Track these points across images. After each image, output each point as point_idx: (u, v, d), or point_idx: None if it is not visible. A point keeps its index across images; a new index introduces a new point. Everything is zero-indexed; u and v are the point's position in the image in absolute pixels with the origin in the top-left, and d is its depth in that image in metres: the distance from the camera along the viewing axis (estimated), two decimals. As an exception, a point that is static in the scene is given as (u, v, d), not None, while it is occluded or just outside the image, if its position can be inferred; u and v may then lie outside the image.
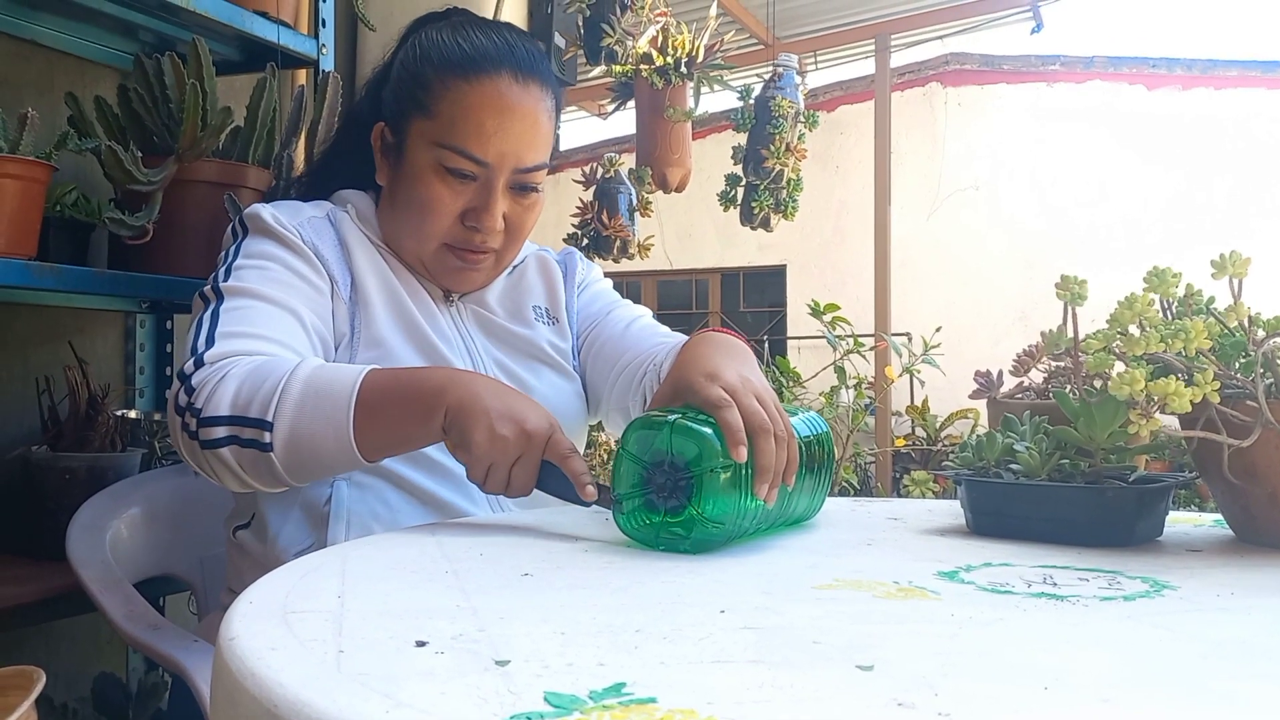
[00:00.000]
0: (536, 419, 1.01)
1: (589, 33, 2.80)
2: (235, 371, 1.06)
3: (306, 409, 1.03)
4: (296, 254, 1.22)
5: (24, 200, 1.46)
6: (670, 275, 9.93)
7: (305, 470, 1.06)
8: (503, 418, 0.99)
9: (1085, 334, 0.96)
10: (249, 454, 1.04)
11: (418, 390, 1.03)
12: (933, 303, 8.35)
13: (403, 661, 0.56)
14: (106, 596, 1.29)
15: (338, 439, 1.02)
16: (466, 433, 0.99)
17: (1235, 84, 8.26)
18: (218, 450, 1.05)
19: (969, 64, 8.92)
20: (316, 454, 1.04)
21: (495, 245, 1.27)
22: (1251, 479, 0.91)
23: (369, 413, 1.02)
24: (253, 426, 1.03)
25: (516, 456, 0.99)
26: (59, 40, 1.92)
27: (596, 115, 7.46)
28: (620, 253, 3.07)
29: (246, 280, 1.17)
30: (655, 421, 0.93)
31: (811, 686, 0.52)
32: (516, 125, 1.23)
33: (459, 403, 1.00)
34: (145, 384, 2.11)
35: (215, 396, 1.05)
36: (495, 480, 1.00)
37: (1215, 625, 0.68)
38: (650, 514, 0.92)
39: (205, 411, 1.05)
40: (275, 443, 1.03)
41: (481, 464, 0.99)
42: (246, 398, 1.04)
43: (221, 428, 1.04)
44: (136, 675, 2.01)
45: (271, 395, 1.03)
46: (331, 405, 1.02)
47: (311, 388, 1.03)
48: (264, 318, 1.14)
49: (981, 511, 1.01)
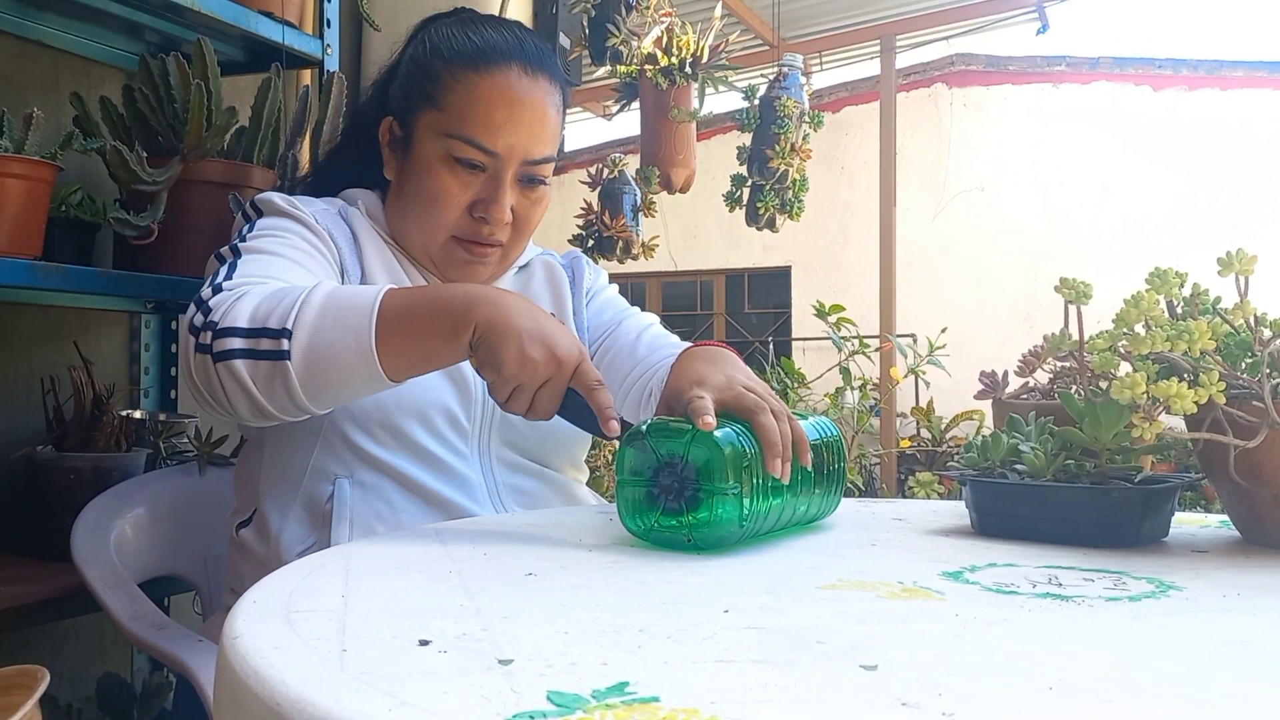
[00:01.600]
0: (568, 344, 0.98)
1: (594, 33, 2.80)
2: (255, 290, 1.04)
3: (328, 317, 0.99)
4: (312, 232, 1.22)
5: (29, 200, 1.46)
6: (675, 276, 9.93)
7: (322, 384, 1.01)
8: (534, 339, 0.97)
9: (1090, 334, 0.96)
10: (264, 366, 1.00)
11: (445, 303, 1.00)
12: (938, 304, 8.34)
13: (406, 661, 0.56)
14: (111, 596, 1.29)
15: (359, 348, 0.98)
16: (496, 350, 0.96)
17: (1242, 84, 8.25)
18: (231, 362, 1.00)
19: (974, 65, 8.91)
20: (336, 364, 0.99)
21: (503, 238, 1.27)
22: (1257, 480, 0.91)
23: (392, 322, 0.99)
24: (270, 336, 0.99)
25: (544, 380, 0.97)
26: (64, 40, 1.92)
27: (601, 116, 7.47)
28: (624, 254, 3.07)
29: (263, 244, 1.16)
30: (674, 429, 0.92)
31: (815, 686, 0.52)
32: (526, 117, 1.23)
33: (489, 319, 0.97)
34: (150, 384, 2.11)
35: (234, 310, 1.02)
36: (518, 402, 0.98)
37: (1221, 626, 0.68)
38: (670, 520, 0.91)
39: (222, 324, 1.01)
40: (294, 350, 0.99)
41: (508, 384, 0.97)
42: (266, 310, 1.01)
43: (238, 339, 1.00)
44: (141, 675, 2.01)
45: (292, 307, 1.00)
46: (353, 314, 0.99)
47: (334, 299, 1.01)
48: (280, 269, 1.13)
49: (986, 512, 1.01)
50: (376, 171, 1.32)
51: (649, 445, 0.92)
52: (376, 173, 1.32)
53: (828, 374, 3.35)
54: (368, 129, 1.33)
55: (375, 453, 1.19)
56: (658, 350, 1.35)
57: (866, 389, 3.35)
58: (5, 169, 1.43)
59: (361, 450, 1.19)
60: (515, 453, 1.27)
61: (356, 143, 1.37)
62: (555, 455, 1.31)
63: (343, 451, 1.19)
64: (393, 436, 1.19)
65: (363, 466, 1.19)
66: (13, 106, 1.53)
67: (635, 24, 2.81)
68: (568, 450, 1.33)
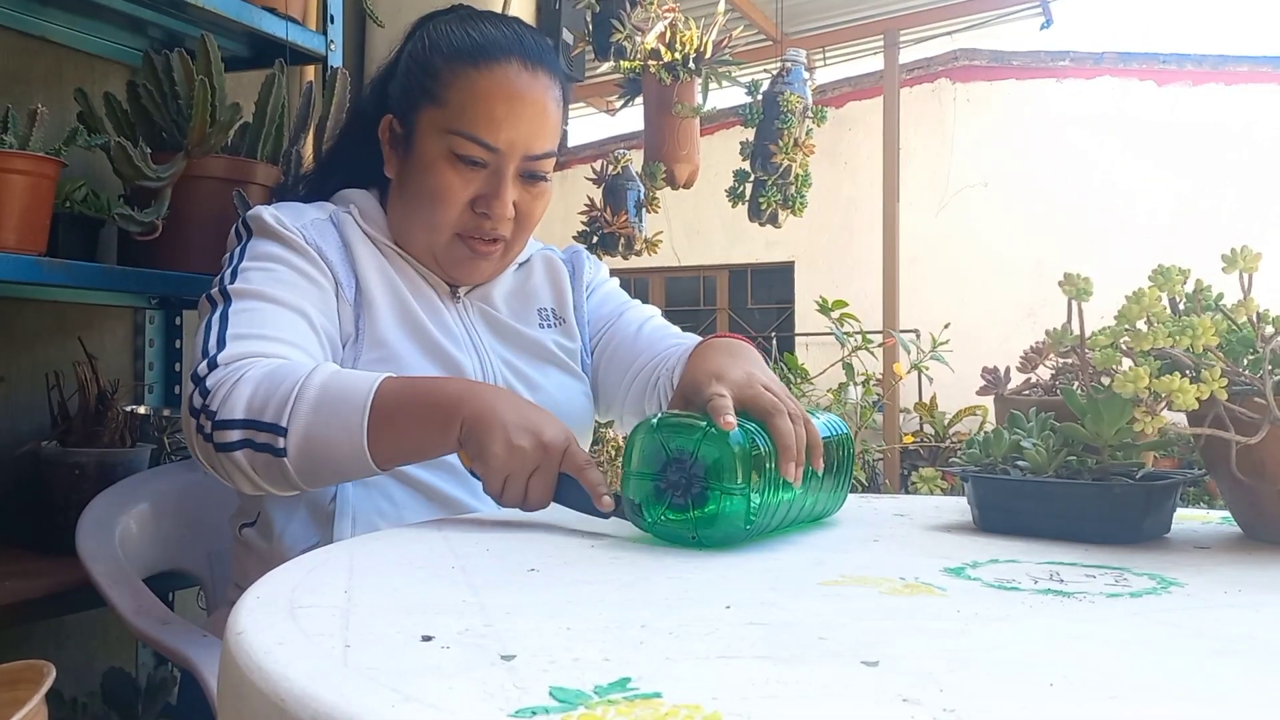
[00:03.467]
0: (553, 431, 1.00)
1: (597, 29, 2.80)
2: (250, 375, 1.06)
3: (321, 414, 1.02)
4: (301, 255, 1.22)
5: (33, 196, 1.46)
6: (678, 272, 9.92)
7: (318, 476, 1.06)
8: (520, 429, 0.99)
9: (1092, 330, 0.96)
10: (262, 458, 1.04)
11: (434, 400, 1.03)
12: (941, 299, 8.33)
13: (409, 656, 0.56)
14: (116, 591, 1.29)
15: (351, 445, 1.02)
16: (483, 444, 0.99)
17: (1246, 80, 8.23)
18: (232, 454, 1.05)
19: (978, 60, 8.90)
20: (330, 459, 1.04)
21: (505, 234, 1.27)
22: (1260, 476, 0.91)
23: (383, 420, 1.02)
24: (267, 431, 1.03)
25: (534, 468, 0.99)
26: (68, 36, 1.92)
27: (605, 111, 7.47)
28: (626, 249, 3.07)
29: (253, 282, 1.17)
30: (686, 424, 0.92)
31: (817, 682, 0.53)
32: (526, 112, 1.23)
33: (475, 414, 1.00)
34: (154, 380, 2.11)
35: (230, 400, 1.05)
36: (512, 492, 1.00)
37: (1223, 622, 0.68)
38: (677, 515, 0.91)
39: (220, 415, 1.05)
40: (289, 448, 1.03)
41: (498, 475, 0.99)
42: (261, 402, 1.04)
43: (236, 431, 1.04)
44: (146, 670, 2.01)
45: (286, 400, 1.03)
46: (346, 411, 1.02)
47: (327, 393, 1.03)
48: (273, 319, 1.15)
49: (988, 508, 1.01)
50: (375, 169, 1.32)
51: (659, 439, 0.92)
52: (375, 171, 1.32)
53: (831, 369, 3.35)
54: (367, 127, 1.32)
55: None
56: (660, 341, 1.35)
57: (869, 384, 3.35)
58: (9, 165, 1.43)
59: None
60: None
61: (355, 141, 1.37)
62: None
63: None
64: None
65: None
66: (17, 102, 1.53)
67: (639, 19, 2.81)
68: None
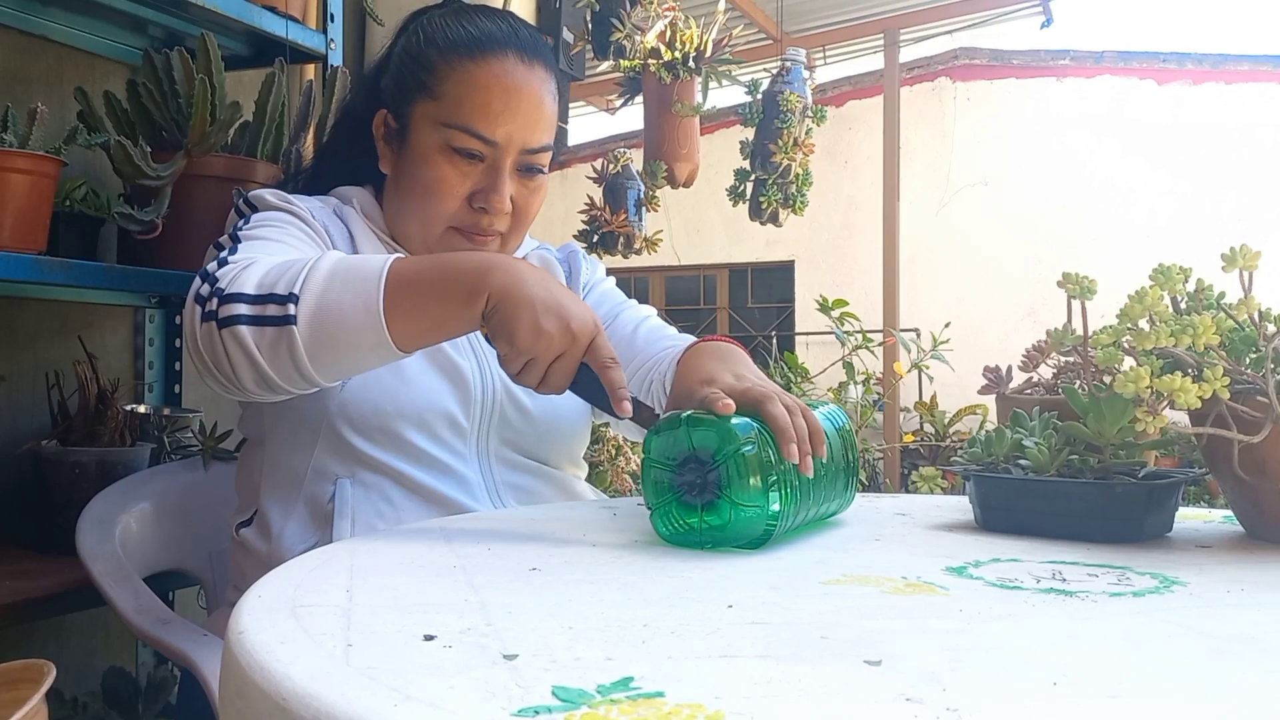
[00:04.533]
0: (583, 317, 0.95)
1: (597, 27, 2.80)
2: (263, 260, 1.03)
3: (336, 281, 0.97)
4: (307, 224, 1.21)
5: (33, 195, 1.46)
6: (678, 271, 9.92)
7: (329, 352, 0.98)
8: (549, 311, 0.93)
9: (1094, 329, 0.96)
10: (270, 332, 0.97)
11: (458, 269, 0.97)
12: (941, 298, 8.33)
13: (411, 655, 0.56)
14: (116, 591, 1.29)
15: (367, 313, 0.95)
16: (509, 321, 0.93)
17: (1246, 78, 8.23)
18: (236, 329, 0.97)
19: (978, 59, 8.90)
20: (343, 330, 0.96)
21: (502, 228, 1.26)
22: (1262, 475, 0.91)
23: (402, 288, 0.96)
24: (277, 302, 0.97)
25: (558, 354, 0.95)
26: (68, 35, 1.92)
27: (604, 110, 7.46)
28: (626, 248, 3.07)
29: (263, 233, 1.16)
30: (671, 422, 0.92)
31: (819, 681, 0.52)
32: (523, 105, 1.22)
33: (504, 288, 0.94)
34: (154, 379, 2.11)
35: (241, 278, 1.00)
36: (530, 375, 0.96)
37: (1225, 621, 0.68)
38: (688, 516, 0.91)
39: (229, 290, 0.99)
40: (299, 315, 0.96)
41: (521, 356, 0.94)
42: (274, 277, 0.99)
43: (243, 304, 0.98)
44: (146, 669, 2.01)
45: (300, 273, 0.98)
46: (362, 278, 0.96)
47: (343, 264, 0.99)
48: (284, 250, 1.12)
49: (990, 507, 1.01)
50: (369, 166, 1.31)
51: (683, 436, 0.91)
52: (369, 167, 1.31)
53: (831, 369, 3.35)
54: (359, 123, 1.31)
55: (375, 455, 1.18)
56: (656, 342, 1.35)
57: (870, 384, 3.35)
58: (9, 164, 1.43)
59: (361, 453, 1.19)
60: (514, 451, 1.27)
61: (349, 137, 1.35)
62: (554, 452, 1.31)
63: (344, 452, 1.19)
64: (391, 441, 1.19)
65: (363, 468, 1.19)
66: (17, 101, 1.53)
67: (639, 18, 2.81)
68: (566, 447, 1.32)
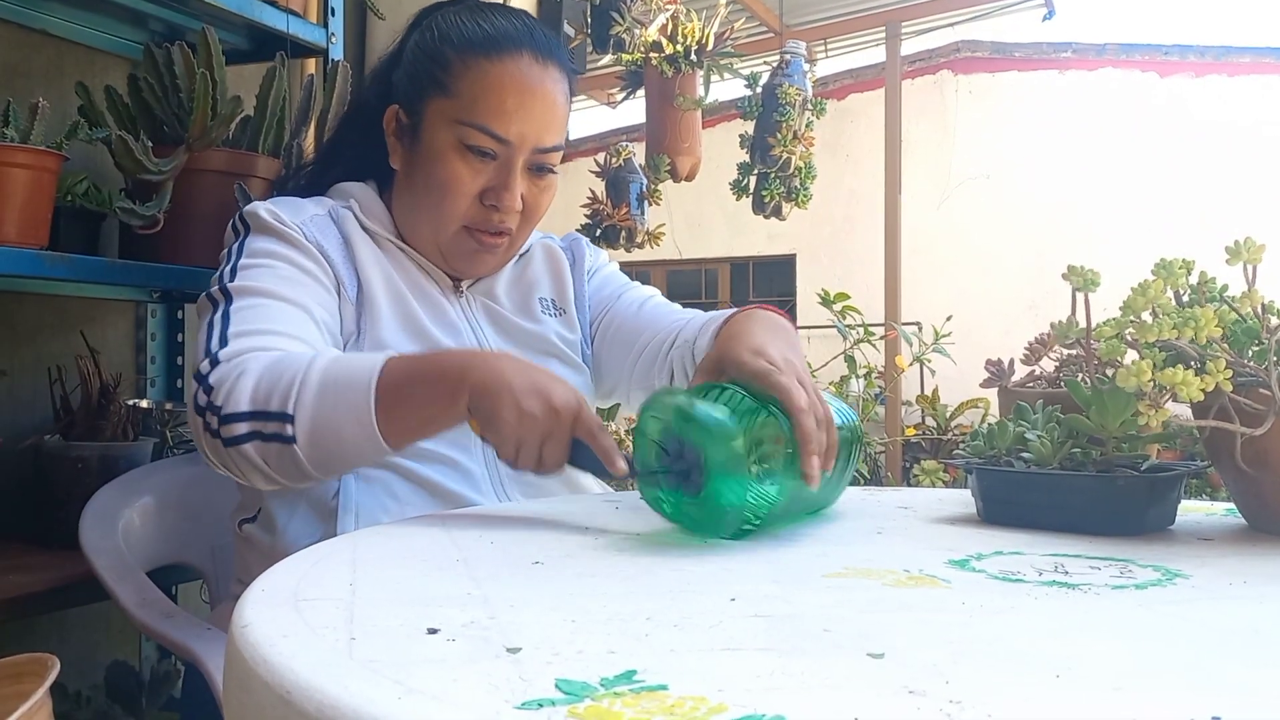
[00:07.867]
0: (563, 394, 0.99)
1: (597, 21, 2.79)
2: (252, 367, 1.05)
3: (327, 398, 1.01)
4: (300, 250, 1.21)
5: (35, 190, 1.46)
6: (679, 265, 9.92)
7: (330, 461, 1.05)
8: (528, 394, 0.97)
9: (1097, 322, 0.96)
10: (273, 448, 1.03)
11: (439, 372, 1.02)
12: (943, 292, 8.32)
13: (414, 648, 0.56)
14: (119, 585, 1.29)
15: (360, 425, 1.01)
16: (493, 412, 0.97)
17: (1249, 70, 8.21)
18: (241, 447, 1.03)
19: (980, 51, 8.88)
20: (340, 443, 1.02)
21: (512, 226, 1.26)
22: (1264, 467, 0.91)
23: (390, 397, 1.01)
24: (274, 420, 1.02)
25: (545, 433, 0.97)
26: (69, 30, 1.92)
27: (605, 104, 7.45)
28: (628, 242, 3.07)
29: (254, 279, 1.16)
30: (666, 405, 0.92)
31: (822, 674, 0.52)
32: (537, 105, 1.23)
33: (482, 382, 0.98)
34: (157, 373, 2.11)
35: (235, 393, 1.04)
36: (526, 457, 0.98)
37: (1227, 614, 0.68)
38: (670, 495, 0.91)
39: (226, 409, 1.04)
40: (298, 434, 1.02)
41: (510, 442, 0.98)
42: (266, 391, 1.03)
43: (243, 424, 1.03)
44: (149, 663, 2.02)
45: (290, 387, 1.02)
46: (352, 392, 1.01)
47: (330, 376, 1.03)
48: (276, 314, 1.14)
49: (992, 500, 1.01)
50: (377, 161, 1.31)
51: (671, 418, 0.91)
52: (376, 162, 1.31)
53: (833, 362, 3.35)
54: (369, 118, 1.31)
55: None
56: (664, 318, 1.36)
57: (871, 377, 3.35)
58: (11, 159, 1.43)
59: None
60: None
61: (357, 132, 1.35)
62: None
63: None
64: None
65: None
66: (18, 96, 1.53)
67: (640, 12, 2.80)
68: None
